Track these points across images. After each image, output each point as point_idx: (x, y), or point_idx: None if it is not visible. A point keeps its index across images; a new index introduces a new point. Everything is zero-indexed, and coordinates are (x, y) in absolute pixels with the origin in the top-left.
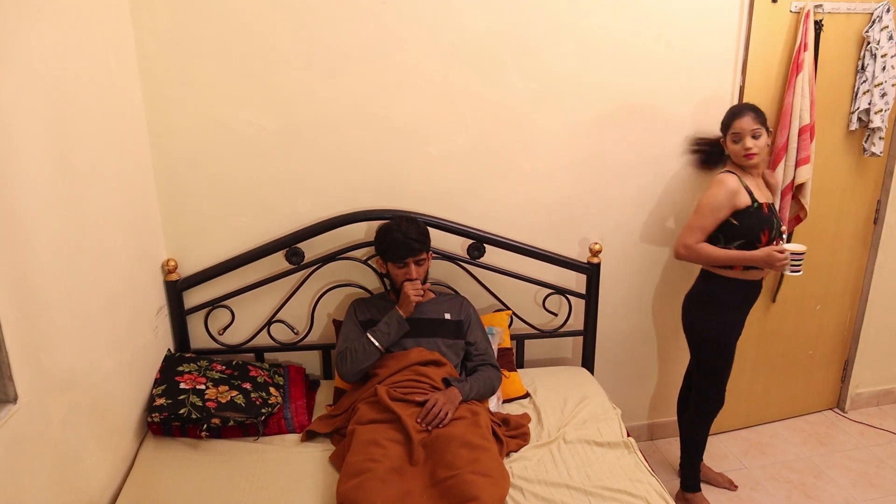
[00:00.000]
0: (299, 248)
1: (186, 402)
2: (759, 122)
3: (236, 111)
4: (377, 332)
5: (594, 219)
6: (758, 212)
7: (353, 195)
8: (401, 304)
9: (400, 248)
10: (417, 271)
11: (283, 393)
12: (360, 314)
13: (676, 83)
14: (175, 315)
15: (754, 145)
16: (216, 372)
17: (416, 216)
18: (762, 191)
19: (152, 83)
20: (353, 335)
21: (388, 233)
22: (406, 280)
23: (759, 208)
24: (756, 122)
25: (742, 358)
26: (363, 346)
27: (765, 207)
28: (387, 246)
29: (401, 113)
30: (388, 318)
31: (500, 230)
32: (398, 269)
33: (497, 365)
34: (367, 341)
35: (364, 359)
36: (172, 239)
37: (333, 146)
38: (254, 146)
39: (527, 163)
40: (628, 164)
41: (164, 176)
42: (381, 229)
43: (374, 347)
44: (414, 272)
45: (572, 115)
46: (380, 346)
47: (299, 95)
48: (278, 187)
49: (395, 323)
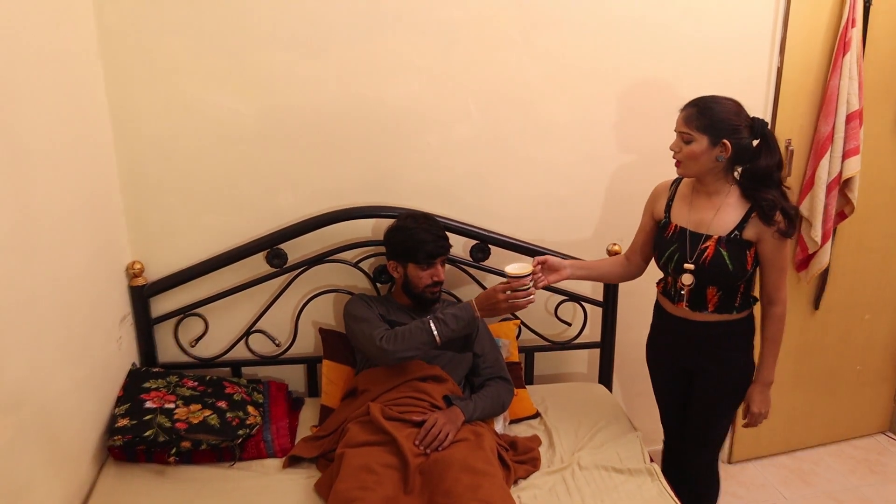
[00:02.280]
0: (281, 249)
1: (153, 423)
2: (694, 125)
3: (210, 94)
4: (442, 322)
5: (613, 217)
6: (661, 229)
7: (342, 190)
8: (482, 303)
9: (429, 247)
10: (442, 272)
11: (263, 412)
12: (372, 305)
13: (706, 64)
14: (141, 324)
15: (680, 150)
16: (187, 389)
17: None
18: (697, 212)
19: (115, 62)
20: (377, 320)
21: (408, 232)
22: (503, 286)
23: (664, 226)
24: (689, 125)
25: (781, 374)
26: (420, 331)
27: (671, 229)
28: (411, 246)
29: (395, 97)
30: (460, 311)
31: (507, 229)
32: (423, 272)
33: (508, 378)
34: (428, 328)
35: (418, 344)
36: (138, 238)
37: (320, 135)
38: (230, 134)
39: (537, 154)
40: (652, 155)
41: (128, 167)
42: (398, 229)
43: (431, 336)
44: (441, 273)
45: (589, 101)
46: (438, 338)
47: (281, 77)
48: (258, 180)
49: (465, 318)
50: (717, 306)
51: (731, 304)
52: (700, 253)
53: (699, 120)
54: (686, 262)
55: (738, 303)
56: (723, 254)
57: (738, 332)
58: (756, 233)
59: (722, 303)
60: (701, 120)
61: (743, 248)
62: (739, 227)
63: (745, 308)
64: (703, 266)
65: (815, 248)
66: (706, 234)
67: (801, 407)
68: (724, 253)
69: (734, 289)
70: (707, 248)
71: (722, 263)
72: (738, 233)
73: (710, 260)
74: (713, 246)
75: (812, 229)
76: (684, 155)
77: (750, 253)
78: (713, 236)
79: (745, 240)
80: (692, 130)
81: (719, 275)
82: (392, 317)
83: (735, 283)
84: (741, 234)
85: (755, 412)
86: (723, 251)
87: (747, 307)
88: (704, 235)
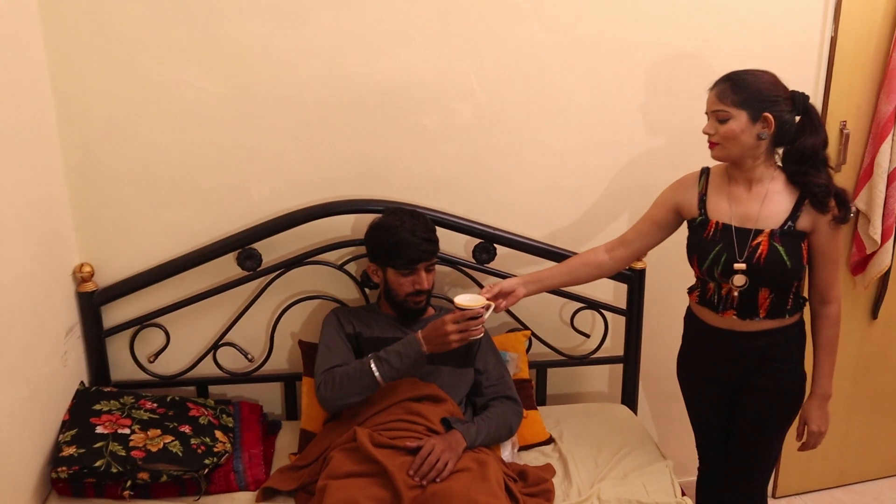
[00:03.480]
0: (255, 249)
1: (104, 452)
2: (730, 101)
3: (171, 69)
4: (384, 361)
5: (638, 211)
6: (697, 229)
7: (324, 180)
8: (429, 336)
9: (409, 250)
10: (427, 279)
11: (234, 438)
12: (346, 324)
13: (746, 35)
14: (91, 337)
15: (715, 131)
16: (145, 411)
17: (412, 208)
18: (740, 205)
19: (58, 30)
20: (338, 348)
21: (389, 231)
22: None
23: (700, 225)
24: (723, 102)
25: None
26: (359, 372)
27: (711, 227)
28: (390, 248)
29: (387, 73)
30: (404, 348)
31: (515, 226)
32: (404, 278)
33: (516, 398)
34: (368, 369)
35: (358, 389)
36: (87, 237)
37: (299, 117)
38: (195, 115)
39: (550, 139)
40: (682, 139)
41: (75, 154)
42: (378, 227)
43: (373, 379)
44: (425, 281)
45: (609, 77)
46: (381, 380)
47: (254, 50)
48: (227, 169)
49: (411, 356)
50: (768, 311)
51: (782, 308)
52: (752, 250)
53: (735, 94)
54: (736, 262)
55: (790, 305)
56: (779, 249)
57: (790, 340)
58: (811, 222)
59: (774, 307)
60: (737, 94)
61: (798, 241)
62: (793, 216)
63: (796, 311)
64: (758, 265)
65: (875, 248)
66: (755, 228)
67: (858, 433)
68: (780, 248)
69: (787, 289)
70: (760, 244)
71: (779, 260)
72: (791, 223)
73: (765, 257)
74: (766, 241)
75: (870, 226)
76: (722, 136)
77: (804, 246)
78: (764, 230)
79: (800, 231)
80: (728, 107)
81: (776, 273)
82: (375, 332)
83: (793, 281)
84: (795, 225)
85: (814, 430)
86: (778, 246)
87: (798, 310)
88: (754, 230)
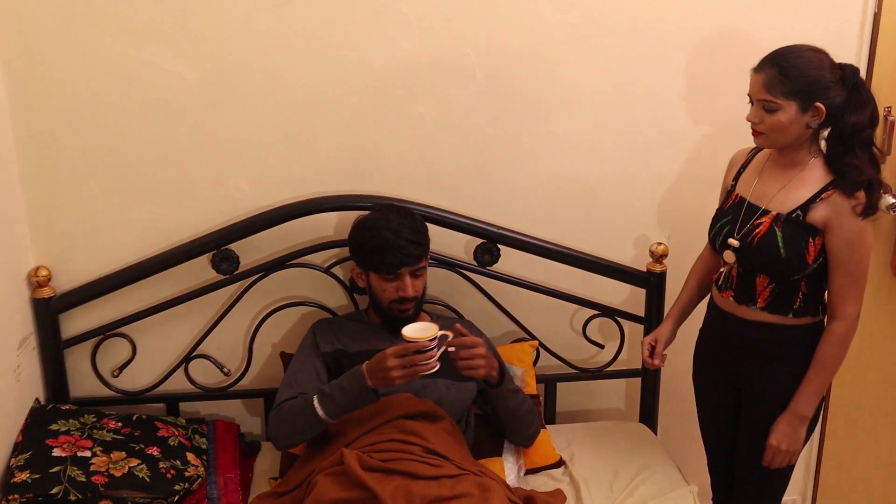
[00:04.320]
0: (231, 250)
1: (62, 478)
2: (779, 91)
3: (140, 51)
4: (328, 397)
5: (657, 208)
6: (725, 199)
7: (309, 175)
8: (372, 369)
9: (390, 253)
10: (414, 285)
11: (207, 461)
12: (323, 343)
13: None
14: (47, 348)
15: (760, 120)
16: (108, 431)
17: (406, 205)
18: (763, 183)
19: (10, 4)
20: (304, 377)
21: (371, 230)
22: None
23: (727, 194)
24: (771, 92)
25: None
26: (303, 409)
27: (732, 198)
28: (370, 250)
29: (379, 56)
30: (348, 382)
31: (521, 224)
32: (387, 283)
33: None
34: (311, 406)
35: (303, 426)
36: (44, 238)
37: (281, 104)
38: (166, 103)
39: (559, 127)
40: (708, 128)
41: (31, 145)
42: (360, 225)
43: (317, 418)
44: (410, 287)
45: (627, 59)
46: (326, 418)
47: (233, 30)
48: (201, 162)
49: (355, 391)
50: (768, 303)
51: (787, 305)
52: (751, 229)
53: (784, 83)
54: (731, 238)
55: (799, 305)
56: (776, 234)
57: (793, 343)
58: (824, 217)
59: (776, 300)
60: (786, 83)
61: (804, 234)
62: (805, 206)
63: (807, 314)
64: (751, 245)
65: None
66: (765, 208)
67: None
68: (779, 233)
69: (792, 285)
70: (760, 225)
71: (772, 245)
72: (801, 213)
73: (759, 238)
74: (768, 223)
75: None
76: (768, 127)
77: (814, 242)
78: (771, 212)
79: (808, 223)
80: (776, 97)
81: (767, 259)
82: (362, 345)
83: (788, 275)
84: (804, 216)
85: (773, 445)
86: (777, 231)
87: (812, 314)
88: (762, 210)
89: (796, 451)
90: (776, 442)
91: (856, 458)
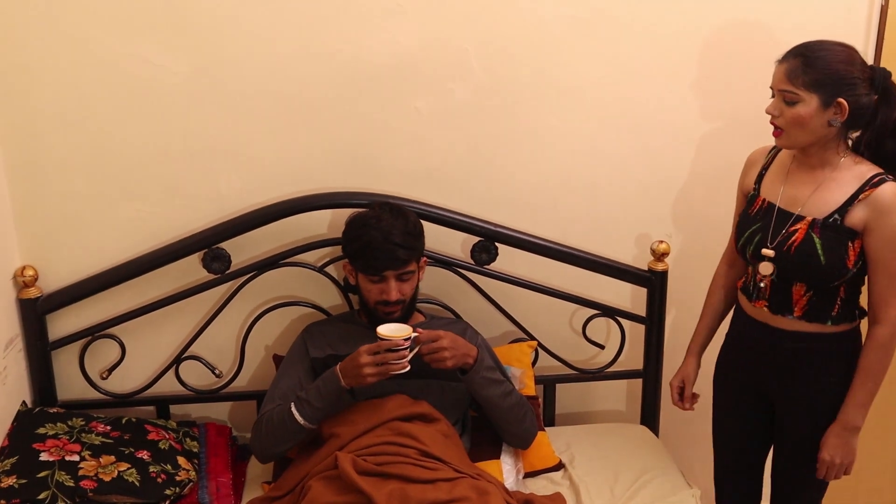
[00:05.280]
0: (223, 248)
1: (49, 483)
2: (801, 81)
3: (127, 45)
4: (304, 402)
5: (660, 205)
6: (748, 204)
7: (303, 171)
8: (345, 368)
9: (375, 254)
10: (399, 289)
11: (199, 465)
12: (314, 348)
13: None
14: (34, 350)
15: (780, 113)
16: (97, 435)
17: (402, 204)
18: (793, 187)
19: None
20: (286, 389)
21: (360, 228)
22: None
23: (750, 200)
24: (793, 82)
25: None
26: (282, 417)
27: (758, 204)
28: (357, 249)
29: (374, 50)
30: (324, 384)
31: (520, 223)
32: (371, 284)
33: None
34: (289, 412)
35: (284, 435)
36: (29, 237)
37: (273, 99)
38: (154, 97)
39: (559, 122)
40: (714, 124)
41: (15, 141)
42: (352, 222)
43: (297, 424)
44: (394, 290)
45: (628, 52)
46: (306, 424)
47: (222, 22)
48: (191, 158)
49: (331, 392)
50: (805, 311)
51: (825, 312)
52: (786, 237)
53: (806, 73)
54: (765, 247)
55: (837, 311)
56: (814, 241)
57: (833, 352)
58: (863, 220)
59: (813, 307)
60: (809, 73)
61: (843, 238)
62: (842, 209)
63: (845, 320)
64: (788, 254)
65: None
66: (798, 214)
67: None
68: (817, 240)
69: (830, 291)
70: (796, 232)
71: (811, 253)
72: (838, 217)
73: (796, 247)
74: (804, 230)
75: None
76: (787, 120)
77: (854, 246)
78: (806, 217)
79: (847, 227)
80: (798, 88)
81: (807, 267)
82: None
83: (829, 282)
84: (842, 220)
85: (825, 459)
86: (815, 237)
87: (850, 320)
88: (796, 216)
89: (850, 462)
90: (829, 456)
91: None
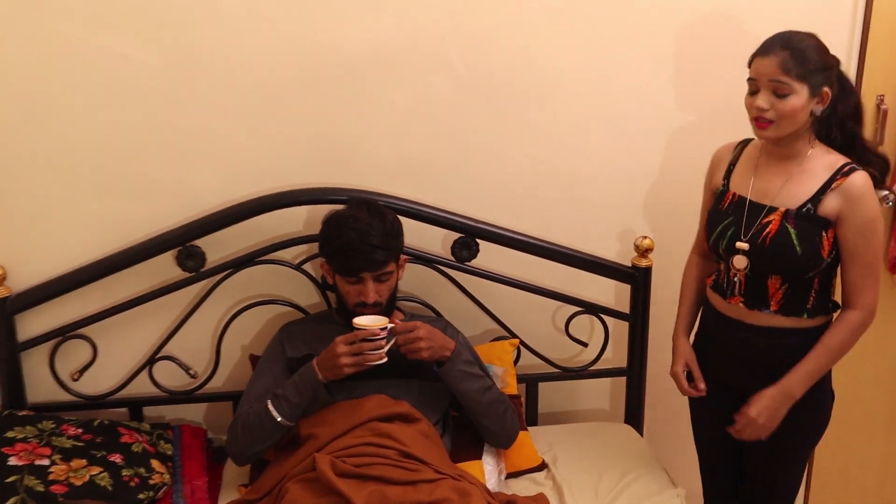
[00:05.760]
0: (197, 246)
1: (18, 488)
2: (794, 73)
3: (96, 35)
4: (281, 398)
5: (644, 200)
6: (717, 200)
7: (278, 167)
8: (322, 361)
9: (353, 256)
10: (377, 290)
11: (173, 468)
12: (290, 348)
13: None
14: (3, 351)
15: (770, 106)
16: (67, 438)
17: (379, 200)
18: (763, 179)
19: None
20: (262, 390)
21: (337, 228)
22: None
23: (720, 196)
24: (787, 73)
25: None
26: (259, 416)
27: (728, 198)
28: (334, 249)
29: (351, 40)
30: (301, 378)
31: (500, 218)
32: (349, 286)
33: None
34: (266, 410)
35: (261, 434)
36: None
37: (247, 92)
38: (125, 90)
39: (541, 115)
40: (695, 118)
41: None
42: (328, 220)
43: (274, 422)
44: (371, 292)
45: (609, 46)
46: (283, 421)
47: (195, 13)
48: (164, 153)
49: (308, 386)
50: (781, 305)
51: (800, 305)
52: (760, 229)
53: (797, 66)
54: (739, 240)
55: (812, 304)
56: (789, 231)
57: (806, 348)
58: (836, 209)
59: (789, 301)
60: (803, 65)
61: (818, 228)
62: (815, 199)
63: (820, 313)
64: (763, 246)
65: None
66: (771, 205)
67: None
68: (792, 230)
69: (805, 283)
70: (770, 224)
71: (787, 244)
72: (811, 206)
73: (771, 238)
74: (778, 221)
75: None
76: (780, 113)
77: (827, 236)
78: (779, 209)
79: (821, 217)
80: (792, 80)
81: (783, 259)
82: None
83: (804, 272)
84: (815, 209)
85: (750, 416)
86: (790, 228)
87: (824, 312)
88: (768, 207)
89: (771, 427)
90: (755, 413)
91: (849, 457)
